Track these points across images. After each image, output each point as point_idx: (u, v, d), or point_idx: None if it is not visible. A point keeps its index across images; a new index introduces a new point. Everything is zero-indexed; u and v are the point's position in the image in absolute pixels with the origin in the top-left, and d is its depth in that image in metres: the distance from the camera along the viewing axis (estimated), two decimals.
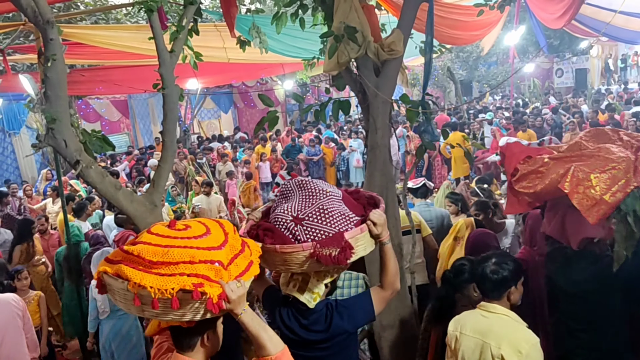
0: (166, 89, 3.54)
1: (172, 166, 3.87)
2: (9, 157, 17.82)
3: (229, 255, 2.17)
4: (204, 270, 2.03)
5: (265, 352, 2.12)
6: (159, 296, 1.95)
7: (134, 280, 1.97)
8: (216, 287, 2.02)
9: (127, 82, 11.61)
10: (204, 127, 22.65)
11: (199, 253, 2.07)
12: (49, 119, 3.10)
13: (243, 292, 2.10)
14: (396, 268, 2.69)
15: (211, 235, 2.20)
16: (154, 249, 2.06)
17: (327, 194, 2.67)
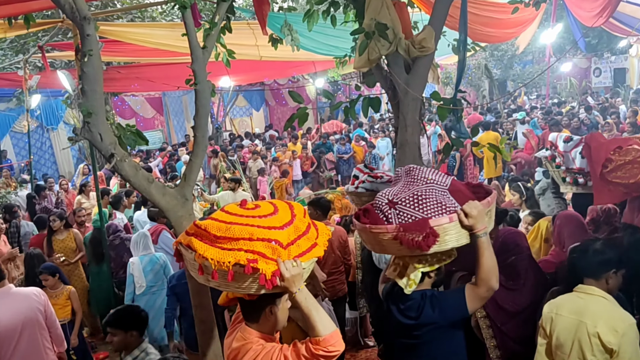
0: (198, 84, 3.59)
1: (202, 161, 3.93)
2: (47, 152, 18.32)
3: (292, 236, 2.31)
4: (261, 248, 2.20)
5: (315, 332, 2.22)
6: (217, 268, 2.16)
7: (199, 252, 2.21)
8: (272, 265, 2.17)
9: (161, 79, 11.82)
10: (235, 125, 22.86)
11: (258, 231, 2.23)
12: (85, 112, 3.18)
13: (298, 272, 2.21)
14: (491, 265, 2.62)
15: (277, 215, 2.35)
16: (218, 225, 2.28)
17: (429, 182, 2.74)
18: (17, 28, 5.96)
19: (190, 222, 3.65)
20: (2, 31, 6.60)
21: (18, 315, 4.19)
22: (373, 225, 2.67)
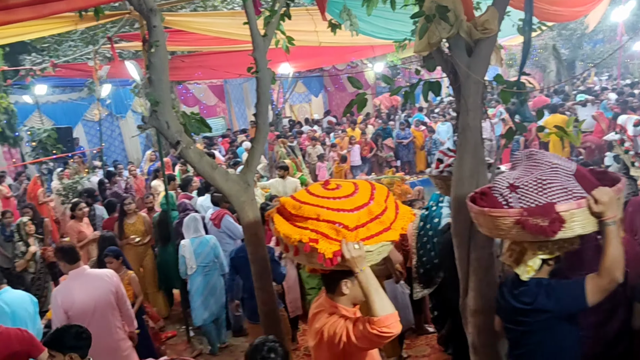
0: (259, 72, 3.66)
1: (264, 147, 4.01)
2: (116, 140, 19.14)
3: (362, 219, 2.43)
4: (325, 229, 2.38)
5: (372, 312, 2.33)
6: (285, 242, 2.44)
7: (276, 226, 2.50)
8: (334, 245, 2.34)
9: (223, 67, 12.04)
10: (295, 111, 23.04)
11: (325, 213, 2.41)
12: (152, 101, 3.31)
13: (360, 254, 2.34)
14: (617, 255, 2.51)
15: (353, 198, 2.50)
16: (294, 203, 2.51)
17: (553, 167, 2.69)
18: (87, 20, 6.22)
19: (252, 207, 3.76)
20: (73, 23, 6.91)
21: (92, 295, 4.44)
22: (492, 208, 2.62)
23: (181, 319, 6.99)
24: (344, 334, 2.41)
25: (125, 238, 7.19)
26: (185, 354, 6.25)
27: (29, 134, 15.12)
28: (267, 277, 3.80)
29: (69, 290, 4.39)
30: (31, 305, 4.74)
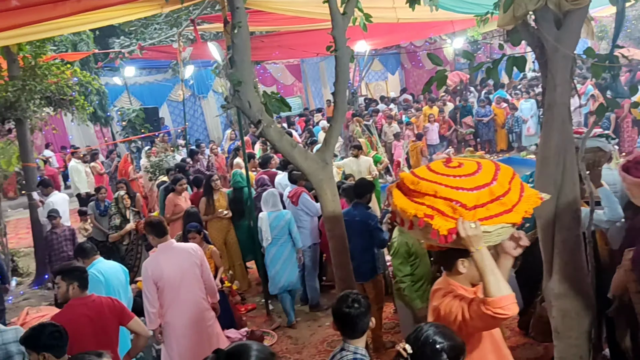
0: (338, 50, 3.67)
1: (342, 126, 4.03)
2: (198, 119, 19.86)
3: (482, 199, 2.41)
4: (442, 206, 2.39)
5: (486, 292, 2.33)
6: (401, 216, 2.49)
7: (393, 200, 2.56)
8: (450, 222, 2.35)
9: (301, 47, 12.14)
10: (371, 89, 22.87)
11: (443, 190, 2.42)
12: (235, 82, 3.41)
13: (476, 233, 2.33)
14: None
15: (474, 177, 2.48)
16: (412, 178, 2.54)
17: None
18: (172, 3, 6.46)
19: (330, 185, 3.81)
20: (158, 7, 7.18)
21: (179, 267, 4.68)
22: None
23: (260, 292, 7.23)
24: (460, 313, 2.41)
25: (212, 213, 7.48)
26: (265, 326, 6.47)
27: (119, 114, 15.99)
28: (345, 254, 3.85)
29: (158, 263, 4.65)
30: (122, 275, 5.07)
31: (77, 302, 3.83)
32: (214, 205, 7.51)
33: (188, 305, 4.70)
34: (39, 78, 8.41)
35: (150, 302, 4.59)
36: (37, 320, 6.37)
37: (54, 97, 8.66)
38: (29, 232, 10.01)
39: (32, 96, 8.26)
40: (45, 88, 8.46)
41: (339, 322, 2.88)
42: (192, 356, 4.65)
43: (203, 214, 7.25)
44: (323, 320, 6.45)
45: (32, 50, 8.47)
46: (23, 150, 8.90)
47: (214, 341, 4.86)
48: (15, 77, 8.24)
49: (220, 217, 7.45)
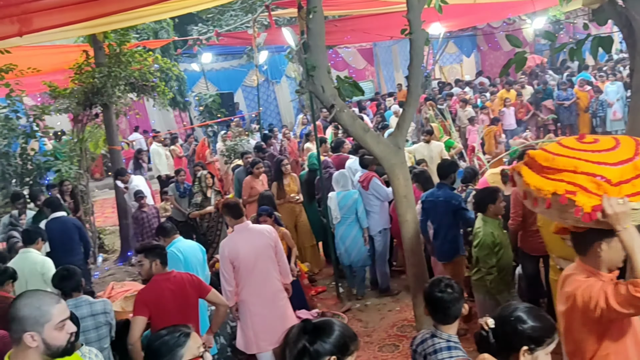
0: (413, 33, 3.62)
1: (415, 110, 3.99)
2: (272, 104, 20.19)
3: (626, 174, 2.28)
4: (584, 181, 2.26)
5: (637, 273, 2.18)
6: (536, 195, 2.36)
7: (525, 179, 2.44)
8: (594, 199, 2.22)
9: (374, 30, 12.03)
10: (445, 72, 22.35)
11: (584, 165, 2.30)
12: (309, 66, 3.45)
13: (624, 210, 2.19)
14: None
15: (614, 152, 2.35)
16: (546, 155, 2.44)
17: None
18: None
19: (402, 170, 3.80)
20: None
21: (254, 248, 4.82)
22: None
23: (331, 275, 7.33)
24: (602, 298, 2.26)
25: (283, 197, 7.64)
26: (335, 308, 6.56)
27: (196, 99, 16.54)
28: (417, 239, 3.83)
29: (235, 243, 4.81)
30: (200, 254, 5.30)
31: (160, 277, 4.05)
32: (284, 189, 7.65)
33: (262, 285, 4.84)
34: (123, 65, 8.83)
35: (227, 280, 4.77)
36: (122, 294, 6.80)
37: (137, 83, 9.08)
38: (114, 211, 10.62)
39: (117, 82, 8.69)
40: (129, 74, 8.87)
41: (431, 306, 2.82)
42: (266, 333, 4.80)
43: (275, 198, 7.41)
44: (393, 305, 6.46)
45: (117, 38, 8.89)
46: (109, 133, 9.41)
47: (287, 320, 4.99)
48: (102, 64, 8.70)
49: (291, 201, 7.58)
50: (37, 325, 2.16)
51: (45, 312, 2.18)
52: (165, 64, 9.77)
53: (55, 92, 8.86)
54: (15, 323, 2.18)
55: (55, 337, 2.19)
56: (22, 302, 2.22)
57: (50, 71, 9.90)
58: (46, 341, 2.17)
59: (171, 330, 2.14)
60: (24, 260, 5.46)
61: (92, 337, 4.11)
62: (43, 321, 2.17)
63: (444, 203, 5.45)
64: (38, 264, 5.45)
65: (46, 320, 2.17)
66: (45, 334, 2.17)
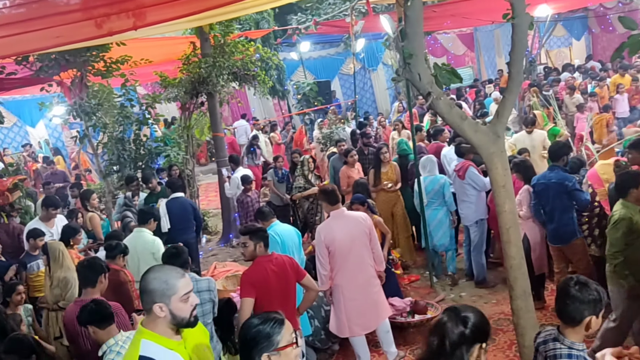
0: (516, 18, 3.49)
1: (516, 97, 3.85)
2: (367, 92, 20.19)
3: None
4: None
5: None
6: None
7: None
8: None
9: (475, 15, 11.66)
10: (552, 57, 21.15)
11: None
12: (406, 54, 3.44)
13: None
14: None
15: None
16: None
17: None
18: None
19: (501, 159, 3.70)
20: None
21: (349, 234, 4.91)
22: None
23: (425, 265, 7.28)
24: None
25: (379, 185, 7.67)
26: (428, 298, 6.52)
27: (295, 88, 16.90)
28: (516, 230, 3.73)
29: (331, 229, 4.93)
30: (296, 237, 5.47)
31: (263, 259, 4.24)
32: (381, 177, 7.66)
33: (356, 271, 4.92)
34: (227, 55, 9.23)
35: (323, 264, 4.90)
36: (224, 274, 7.18)
37: (239, 72, 9.46)
38: (217, 195, 11.19)
39: (221, 72, 9.10)
40: (232, 64, 9.27)
41: (561, 303, 2.65)
42: (359, 318, 4.90)
43: (371, 186, 7.44)
44: (489, 298, 6.32)
45: (221, 29, 9.31)
46: (213, 121, 9.90)
47: (379, 307, 5.06)
48: (207, 55, 9.15)
49: (385, 189, 7.58)
50: (164, 297, 2.36)
51: (172, 285, 2.38)
52: (265, 54, 10.09)
53: (165, 81, 9.45)
54: (146, 295, 2.40)
55: (180, 308, 2.39)
56: (151, 276, 2.43)
57: (161, 62, 10.56)
58: (173, 312, 2.37)
59: (265, 318, 2.25)
60: (137, 239, 5.87)
61: (197, 313, 4.38)
62: (170, 293, 2.37)
63: (557, 185, 5.34)
64: (149, 243, 5.83)
65: (172, 292, 2.37)
66: (172, 306, 2.37)
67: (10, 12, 4.92)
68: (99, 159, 9.96)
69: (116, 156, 9.16)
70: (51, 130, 18.28)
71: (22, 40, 5.30)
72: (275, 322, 2.23)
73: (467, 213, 6.69)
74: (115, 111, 9.24)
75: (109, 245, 5.21)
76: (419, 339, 5.59)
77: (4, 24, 4.94)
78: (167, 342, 2.39)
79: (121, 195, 8.35)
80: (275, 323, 2.22)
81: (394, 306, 5.73)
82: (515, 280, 3.78)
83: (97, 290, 4.04)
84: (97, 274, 4.05)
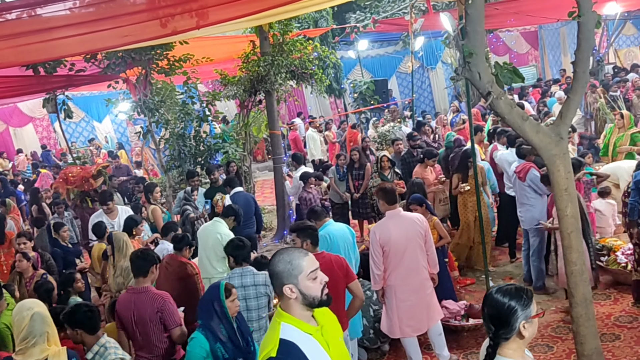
0: (582, 16, 3.37)
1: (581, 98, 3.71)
2: (425, 90, 19.93)
3: None
4: None
5: None
6: None
7: None
8: None
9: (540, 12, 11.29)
10: (620, 56, 20.23)
11: None
12: (466, 53, 3.39)
13: None
14: None
15: None
16: None
17: None
18: None
19: (564, 161, 3.58)
20: None
21: (405, 235, 4.86)
22: None
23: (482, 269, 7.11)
24: None
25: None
26: None
27: (351, 86, 16.89)
28: (578, 235, 3.60)
29: (387, 228, 4.90)
30: (350, 236, 5.43)
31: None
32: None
33: (410, 272, 4.88)
34: (285, 54, 9.33)
35: (377, 264, 4.87)
36: None
37: (297, 71, 9.54)
38: (272, 192, 11.32)
39: (279, 70, 9.21)
40: (290, 63, 9.36)
41: None
42: (410, 319, 4.86)
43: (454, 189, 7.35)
44: (548, 304, 6.12)
45: (280, 28, 9.41)
46: (271, 119, 10.03)
47: (431, 309, 4.99)
48: (266, 53, 9.27)
49: (460, 192, 7.29)
50: (291, 277, 2.34)
51: (297, 264, 2.37)
52: (323, 52, 10.12)
53: (225, 79, 9.65)
54: (274, 278, 2.40)
55: (309, 286, 2.36)
56: (275, 259, 2.44)
57: (221, 60, 10.80)
58: (303, 291, 2.34)
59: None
60: (213, 228, 5.99)
61: (253, 305, 4.48)
62: (296, 273, 2.35)
63: None
64: (222, 235, 5.92)
65: (299, 271, 2.35)
66: (301, 285, 2.34)
67: (81, 12, 5.16)
68: (161, 154, 10.29)
69: (177, 152, 9.43)
70: (116, 125, 19.07)
71: (92, 39, 5.53)
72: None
73: (526, 217, 6.49)
74: (177, 108, 9.53)
75: (176, 237, 5.39)
76: (473, 343, 5.49)
77: (75, 23, 5.17)
78: (305, 327, 2.38)
79: (181, 190, 8.61)
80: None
81: (448, 309, 5.65)
82: (576, 287, 3.66)
83: (148, 279, 4.19)
84: (149, 264, 4.19)
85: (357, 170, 8.85)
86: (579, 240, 3.61)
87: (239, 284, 4.41)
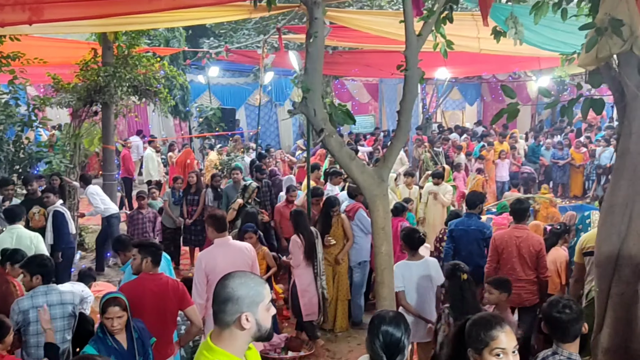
0: (409, 70, 3.70)
1: (402, 144, 4.03)
2: (272, 125, 20.32)
3: None
4: None
5: None
6: None
7: None
8: None
9: (378, 66, 12.20)
10: (446, 117, 22.60)
11: None
12: (304, 89, 3.51)
13: None
14: None
15: None
16: None
17: None
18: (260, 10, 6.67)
19: (383, 202, 3.83)
20: (247, 12, 7.49)
21: (231, 264, 4.72)
22: None
23: None
24: None
25: None
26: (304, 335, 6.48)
27: (197, 111, 16.63)
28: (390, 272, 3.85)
29: (213, 256, 4.79)
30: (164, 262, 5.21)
31: (147, 276, 4.11)
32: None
33: None
34: (130, 67, 8.93)
35: (199, 293, 4.71)
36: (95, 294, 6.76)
37: (140, 86, 9.17)
38: None
39: (121, 83, 8.77)
40: (134, 77, 8.97)
41: (550, 326, 2.92)
42: None
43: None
44: (362, 339, 6.36)
45: (128, 40, 9.01)
46: (106, 132, 9.45)
47: None
48: (108, 64, 8.80)
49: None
50: (252, 305, 2.11)
51: (259, 292, 2.14)
52: (171, 72, 9.87)
53: (58, 85, 8.94)
54: (232, 303, 2.11)
55: (265, 318, 2.15)
56: (236, 281, 2.15)
57: (57, 64, 9.96)
58: (259, 322, 2.13)
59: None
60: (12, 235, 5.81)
61: (59, 326, 4.21)
62: (258, 300, 2.12)
63: (476, 232, 5.83)
64: (27, 238, 5.83)
65: (260, 299, 2.13)
66: (259, 315, 2.12)
67: None
68: None
69: None
70: None
71: None
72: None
73: (352, 254, 6.77)
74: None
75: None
76: None
77: None
78: None
79: None
80: None
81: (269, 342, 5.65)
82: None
83: None
84: None
85: (192, 195, 8.64)
86: (390, 277, 3.86)
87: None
